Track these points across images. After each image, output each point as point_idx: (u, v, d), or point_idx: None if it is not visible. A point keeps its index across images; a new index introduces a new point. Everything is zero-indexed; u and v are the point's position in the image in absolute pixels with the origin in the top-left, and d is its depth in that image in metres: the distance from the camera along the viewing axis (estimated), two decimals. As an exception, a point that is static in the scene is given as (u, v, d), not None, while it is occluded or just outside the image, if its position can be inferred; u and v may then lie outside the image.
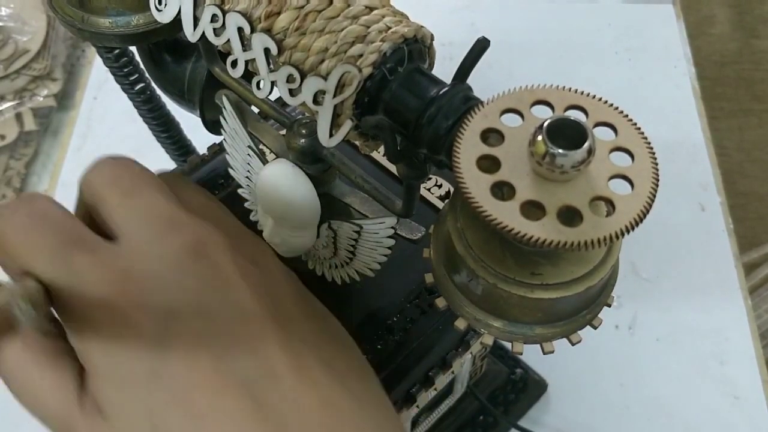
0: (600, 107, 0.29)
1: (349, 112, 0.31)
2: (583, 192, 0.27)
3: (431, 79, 0.32)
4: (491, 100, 0.30)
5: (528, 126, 0.28)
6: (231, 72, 0.34)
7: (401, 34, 0.31)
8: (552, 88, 0.30)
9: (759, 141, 0.90)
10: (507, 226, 0.26)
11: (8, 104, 0.85)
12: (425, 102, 0.30)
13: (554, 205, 0.26)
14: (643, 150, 0.28)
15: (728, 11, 1.02)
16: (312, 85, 0.31)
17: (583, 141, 0.26)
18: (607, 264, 0.30)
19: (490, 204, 0.26)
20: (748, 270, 0.77)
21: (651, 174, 0.27)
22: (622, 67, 0.90)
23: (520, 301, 0.30)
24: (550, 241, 0.25)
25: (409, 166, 0.32)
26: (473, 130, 0.28)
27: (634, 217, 0.27)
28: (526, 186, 0.27)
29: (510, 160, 0.27)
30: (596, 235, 0.26)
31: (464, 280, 0.31)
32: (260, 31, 0.32)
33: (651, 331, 0.70)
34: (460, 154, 0.28)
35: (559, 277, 0.29)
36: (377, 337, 0.43)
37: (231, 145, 0.41)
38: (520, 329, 0.31)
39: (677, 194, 0.79)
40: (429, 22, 0.35)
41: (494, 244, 0.30)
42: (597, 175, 0.27)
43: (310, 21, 0.31)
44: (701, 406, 0.66)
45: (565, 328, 0.32)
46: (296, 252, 0.41)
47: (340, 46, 0.31)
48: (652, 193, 0.27)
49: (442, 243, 0.32)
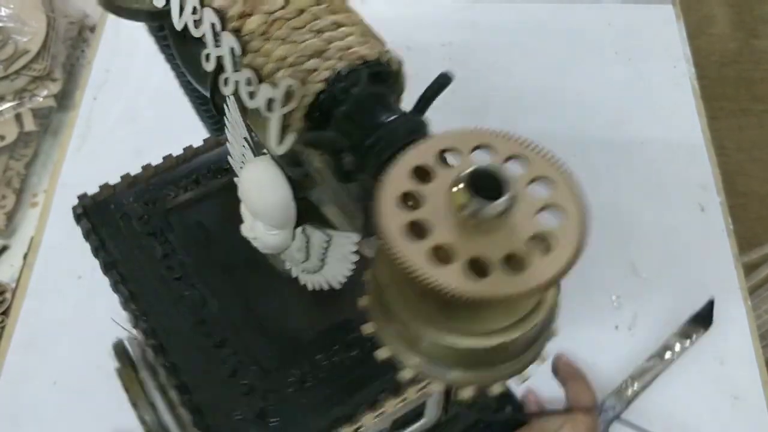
0: (542, 160, 0.28)
1: (298, 124, 0.31)
2: (499, 245, 0.25)
3: (385, 106, 0.31)
4: (435, 136, 0.29)
5: (462, 169, 0.27)
6: (204, 65, 0.34)
7: (360, 55, 0.31)
8: (498, 133, 0.28)
9: (759, 141, 0.90)
10: (409, 267, 0.24)
11: (8, 105, 0.85)
12: (371, 128, 0.30)
13: (466, 254, 0.25)
14: (575, 210, 0.27)
15: (728, 11, 1.02)
16: (265, 92, 0.31)
17: (503, 193, 0.25)
18: (531, 320, 0.29)
19: (401, 242, 0.25)
20: (748, 270, 0.77)
21: (576, 238, 0.26)
22: (622, 67, 0.90)
23: (433, 343, 0.29)
24: (450, 289, 0.24)
25: (361, 187, 0.32)
26: (404, 165, 0.27)
27: (543, 282, 0.25)
28: (443, 230, 0.25)
29: (434, 201, 0.26)
30: (498, 292, 0.25)
31: (387, 313, 0.30)
32: (231, 30, 0.32)
33: (651, 331, 0.70)
34: (385, 186, 0.26)
35: (475, 325, 0.28)
36: (336, 349, 0.44)
37: (231, 134, 0.41)
38: (437, 369, 0.30)
39: (677, 194, 0.79)
40: (429, 22, 0.35)
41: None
42: (520, 229, 0.26)
43: (275, 28, 0.31)
44: (701, 406, 0.66)
45: (485, 375, 0.30)
46: (272, 249, 0.41)
47: (297, 58, 0.31)
48: (572, 259, 0.25)
49: (370, 272, 0.31)
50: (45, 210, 0.78)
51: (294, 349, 0.46)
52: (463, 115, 0.85)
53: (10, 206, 0.80)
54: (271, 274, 0.48)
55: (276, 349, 0.47)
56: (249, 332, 0.48)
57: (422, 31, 0.89)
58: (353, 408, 0.43)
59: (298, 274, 0.43)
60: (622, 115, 0.85)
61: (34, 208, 0.82)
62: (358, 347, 0.43)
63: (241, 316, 0.49)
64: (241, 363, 0.46)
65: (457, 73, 0.32)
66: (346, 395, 0.39)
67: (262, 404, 0.44)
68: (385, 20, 1.02)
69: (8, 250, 0.79)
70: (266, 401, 0.45)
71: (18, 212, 0.81)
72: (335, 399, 0.44)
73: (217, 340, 0.47)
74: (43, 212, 0.78)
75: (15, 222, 0.80)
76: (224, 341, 0.47)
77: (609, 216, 0.77)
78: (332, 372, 0.44)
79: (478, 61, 0.88)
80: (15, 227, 0.80)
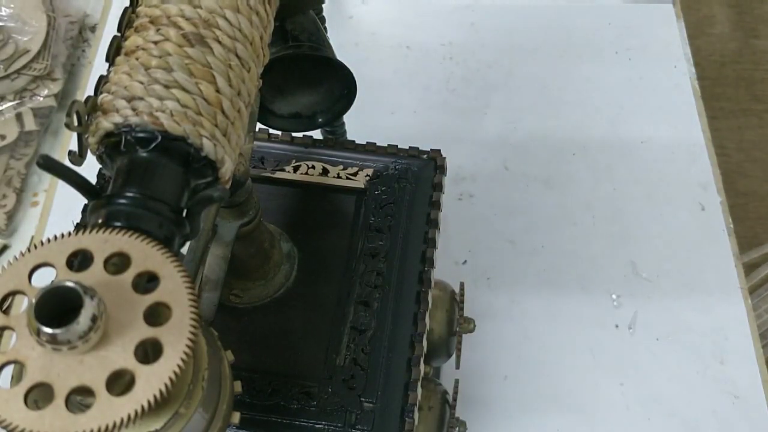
0: (147, 253, 0.25)
1: (93, 146, 0.31)
2: (101, 366, 0.23)
3: (136, 180, 0.30)
4: (26, 254, 0.26)
5: (35, 293, 0.24)
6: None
7: (162, 124, 0.30)
8: (94, 234, 0.26)
9: (759, 141, 0.90)
10: (4, 420, 0.22)
11: (8, 104, 0.85)
12: (111, 188, 0.30)
13: (65, 388, 0.22)
14: (184, 302, 0.24)
15: (728, 11, 1.02)
16: (76, 105, 0.31)
17: (80, 314, 0.22)
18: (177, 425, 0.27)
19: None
20: (748, 270, 0.77)
21: (186, 335, 0.24)
22: (622, 67, 0.90)
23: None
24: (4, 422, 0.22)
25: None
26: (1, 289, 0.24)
27: (155, 393, 0.23)
28: (37, 364, 0.23)
29: (24, 329, 0.23)
30: (108, 419, 0.22)
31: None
32: (123, 36, 0.33)
33: (651, 330, 0.70)
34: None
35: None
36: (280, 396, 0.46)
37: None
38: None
39: (677, 194, 0.79)
40: (429, 22, 0.35)
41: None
42: (123, 341, 0.23)
43: (134, 57, 0.32)
44: (701, 406, 0.66)
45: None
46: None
47: (120, 88, 0.31)
48: (183, 359, 0.23)
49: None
50: (45, 209, 0.78)
51: None
52: (463, 115, 0.85)
53: (10, 206, 0.80)
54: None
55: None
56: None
57: (422, 31, 0.89)
58: None
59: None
60: (622, 115, 0.85)
61: (35, 207, 0.82)
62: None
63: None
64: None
65: (457, 73, 0.32)
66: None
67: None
68: (385, 20, 1.02)
69: (8, 250, 0.79)
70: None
71: (18, 212, 0.81)
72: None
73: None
74: (44, 212, 0.78)
75: (15, 221, 0.80)
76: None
77: (609, 216, 0.77)
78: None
79: (478, 61, 0.88)
80: (15, 226, 0.80)
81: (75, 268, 0.26)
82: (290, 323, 0.50)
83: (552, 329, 0.69)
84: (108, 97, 0.31)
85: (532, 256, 0.75)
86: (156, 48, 0.31)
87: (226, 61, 0.33)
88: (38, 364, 0.23)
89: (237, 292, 0.50)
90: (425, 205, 0.53)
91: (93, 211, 0.29)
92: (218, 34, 0.32)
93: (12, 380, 0.24)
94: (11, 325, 0.24)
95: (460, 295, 0.60)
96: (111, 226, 0.27)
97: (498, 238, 0.76)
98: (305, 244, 0.53)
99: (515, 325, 0.70)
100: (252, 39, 0.34)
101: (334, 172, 0.55)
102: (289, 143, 0.56)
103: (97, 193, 0.30)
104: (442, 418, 0.54)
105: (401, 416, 0.46)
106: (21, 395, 0.22)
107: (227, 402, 0.31)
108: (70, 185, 0.30)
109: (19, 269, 0.25)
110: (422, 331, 0.48)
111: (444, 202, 0.54)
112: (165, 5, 0.32)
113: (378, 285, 0.50)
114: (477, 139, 0.83)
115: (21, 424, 0.22)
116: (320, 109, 0.54)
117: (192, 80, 0.31)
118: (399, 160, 0.55)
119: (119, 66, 0.32)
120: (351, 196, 0.54)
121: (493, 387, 0.68)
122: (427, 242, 0.52)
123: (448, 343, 0.58)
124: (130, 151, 0.30)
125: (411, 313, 0.49)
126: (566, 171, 0.80)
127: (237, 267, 0.47)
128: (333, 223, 0.54)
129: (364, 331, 0.48)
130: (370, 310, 0.49)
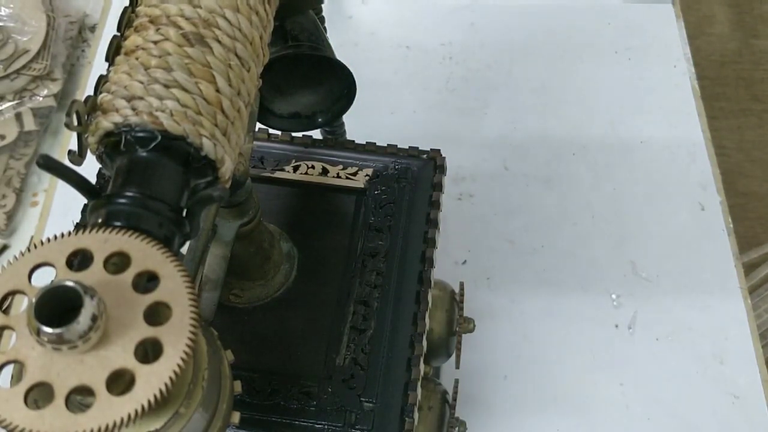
0: (147, 253, 0.26)
1: (92, 146, 0.32)
2: (101, 365, 0.23)
3: (136, 179, 0.30)
4: (26, 253, 0.26)
5: (35, 293, 0.24)
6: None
7: (162, 123, 0.30)
8: (94, 234, 0.26)
9: (759, 141, 0.90)
10: (4, 420, 0.22)
11: (8, 104, 0.85)
12: (114, 192, 0.30)
13: (65, 388, 0.22)
14: (184, 302, 0.24)
15: (728, 11, 1.02)
16: (75, 105, 0.31)
17: (80, 313, 0.22)
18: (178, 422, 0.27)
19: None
20: (747, 270, 0.77)
21: (186, 334, 0.24)
22: (622, 67, 0.90)
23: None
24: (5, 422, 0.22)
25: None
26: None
27: (155, 393, 0.23)
28: (37, 364, 0.23)
29: (24, 329, 0.23)
30: (108, 419, 0.22)
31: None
32: (123, 36, 0.33)
33: (651, 330, 0.70)
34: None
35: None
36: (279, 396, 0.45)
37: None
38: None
39: (677, 194, 0.79)
40: (429, 22, 0.35)
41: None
42: (123, 340, 0.24)
43: (134, 57, 0.32)
44: (701, 406, 0.66)
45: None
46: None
47: (120, 88, 0.31)
48: (183, 359, 0.23)
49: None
50: (45, 209, 0.78)
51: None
52: (463, 115, 0.85)
53: (10, 206, 0.80)
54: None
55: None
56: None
57: (422, 31, 0.89)
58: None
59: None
60: (622, 115, 0.85)
61: (34, 207, 0.82)
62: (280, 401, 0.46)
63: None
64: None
65: (457, 73, 0.32)
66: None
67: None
68: (384, 20, 1.02)
69: (8, 250, 0.79)
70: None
71: (18, 212, 0.81)
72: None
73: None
74: (44, 212, 0.78)
75: (15, 221, 0.80)
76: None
77: (609, 216, 0.77)
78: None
79: (477, 61, 0.88)
80: (15, 227, 0.80)
81: (75, 268, 0.26)
82: (290, 323, 0.50)
83: (552, 329, 0.69)
84: (108, 96, 0.31)
85: (531, 256, 0.75)
86: (156, 48, 0.31)
87: (226, 60, 0.33)
88: (38, 363, 0.23)
89: (237, 292, 0.50)
90: (425, 205, 0.54)
91: (93, 210, 0.29)
92: (218, 33, 0.32)
93: (12, 380, 0.25)
94: (11, 324, 0.24)
95: (460, 295, 0.60)
96: (111, 225, 0.27)
97: (498, 238, 0.76)
98: (305, 244, 0.53)
99: (515, 325, 0.70)
100: (252, 39, 0.34)
101: (333, 172, 0.55)
102: (288, 143, 0.56)
103: (96, 193, 0.30)
104: (442, 418, 0.54)
105: (401, 416, 0.46)
106: (21, 395, 0.22)
107: (227, 402, 0.31)
108: (70, 185, 0.30)
109: (18, 269, 0.25)
110: (422, 330, 0.48)
111: (444, 202, 0.54)
112: (165, 5, 0.32)
113: (378, 285, 0.50)
114: (477, 139, 0.83)
115: (21, 424, 0.22)
116: (320, 109, 0.54)
117: (192, 80, 0.31)
118: (399, 160, 0.55)
119: (119, 66, 0.32)
120: (351, 195, 0.54)
121: (492, 387, 0.68)
122: (427, 242, 0.52)
123: (448, 342, 0.58)
124: (129, 151, 0.30)
125: (411, 313, 0.49)
126: (566, 171, 0.80)
127: (237, 267, 0.47)
128: (333, 223, 0.54)
129: (364, 330, 0.48)
130: (370, 309, 0.49)
